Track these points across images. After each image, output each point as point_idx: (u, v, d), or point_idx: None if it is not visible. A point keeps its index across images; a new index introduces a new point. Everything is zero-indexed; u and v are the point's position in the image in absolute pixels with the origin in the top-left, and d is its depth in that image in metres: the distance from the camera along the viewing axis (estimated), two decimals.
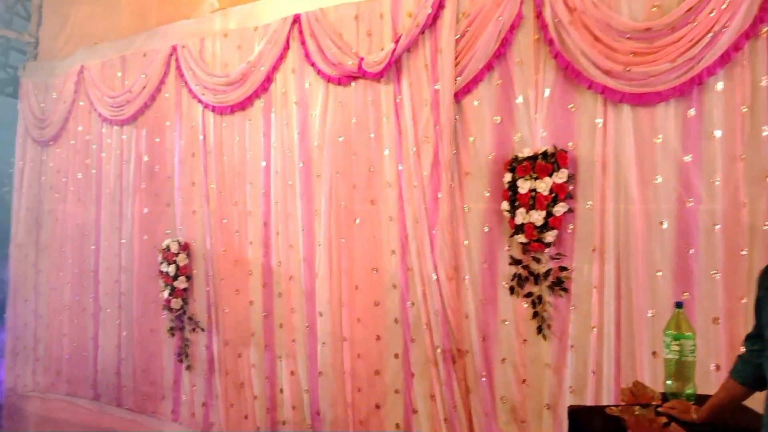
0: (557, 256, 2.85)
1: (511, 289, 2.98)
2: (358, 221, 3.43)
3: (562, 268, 2.84)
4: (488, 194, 3.05)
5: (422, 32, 3.17)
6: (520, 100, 2.96)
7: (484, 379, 3.05)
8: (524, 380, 2.95)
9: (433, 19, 3.14)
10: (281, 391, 3.70)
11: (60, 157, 5.01)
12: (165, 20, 4.32)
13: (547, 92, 2.89)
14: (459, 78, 3.08)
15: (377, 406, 3.36)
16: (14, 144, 5.36)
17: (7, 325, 5.27)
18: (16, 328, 5.24)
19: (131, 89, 4.39)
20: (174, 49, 4.18)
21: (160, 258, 4.16)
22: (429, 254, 3.15)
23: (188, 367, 4.11)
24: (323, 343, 3.52)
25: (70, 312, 4.86)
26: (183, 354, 4.12)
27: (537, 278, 2.90)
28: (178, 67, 4.15)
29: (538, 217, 2.81)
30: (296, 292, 3.65)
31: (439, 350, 3.12)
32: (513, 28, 2.95)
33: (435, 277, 3.13)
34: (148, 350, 4.37)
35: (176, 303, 4.08)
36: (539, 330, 2.90)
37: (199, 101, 4.05)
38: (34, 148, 5.19)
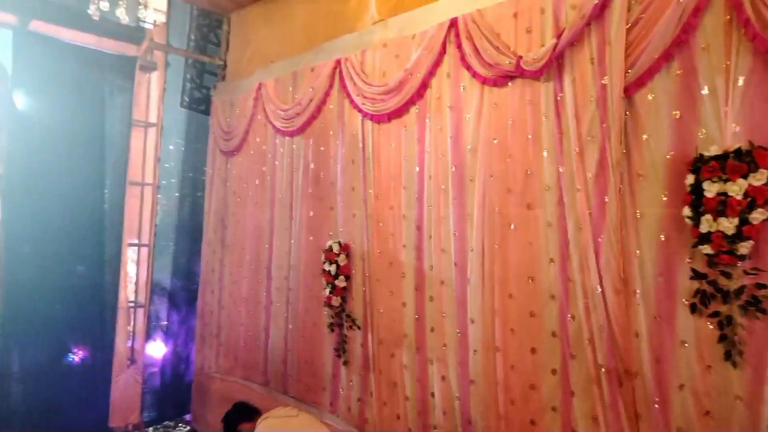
0: (753, 271, 2.44)
1: (693, 307, 2.61)
2: (512, 227, 3.30)
3: (760, 285, 2.42)
4: (665, 198, 2.72)
5: (588, 24, 2.96)
6: (705, 91, 2.60)
7: (656, 405, 2.71)
8: (707, 412, 2.57)
9: (601, 9, 2.90)
10: (432, 395, 3.71)
11: (241, 165, 5.65)
12: (331, 36, 4.63)
13: (741, 81, 2.49)
14: (630, 71, 2.81)
15: (532, 422, 3.19)
16: (206, 155, 6.19)
17: (198, 312, 6.08)
18: (204, 315, 6.01)
19: (300, 102, 4.78)
20: (338, 62, 4.46)
21: (323, 257, 4.45)
22: (593, 264, 2.90)
23: (345, 363, 4.33)
24: (475, 351, 3.44)
25: (247, 303, 5.44)
26: (341, 350, 4.35)
27: (726, 296, 2.51)
28: (341, 79, 4.42)
29: (728, 225, 2.43)
30: (447, 297, 3.63)
31: (603, 370, 2.86)
32: (698, 10, 2.60)
33: (599, 290, 2.88)
34: (310, 343, 4.70)
35: (336, 300, 4.33)
36: (728, 356, 2.50)
37: (359, 110, 4.26)
38: (221, 158, 5.93)
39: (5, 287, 4.94)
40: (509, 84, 3.35)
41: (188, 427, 6.03)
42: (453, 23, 3.62)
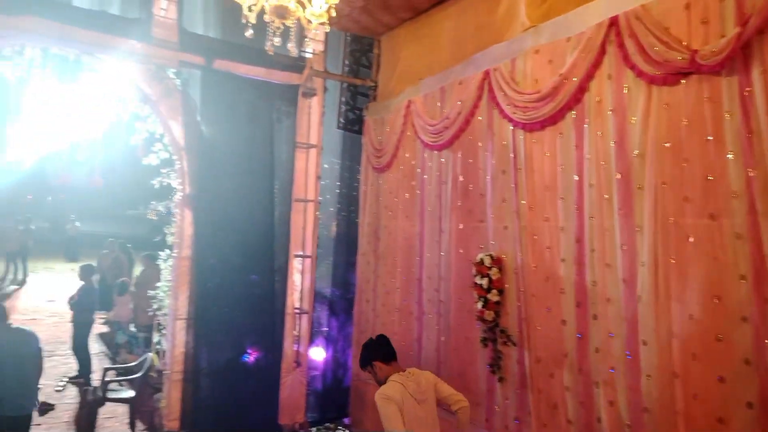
0: None
1: None
2: (692, 239, 2.96)
3: None
4: None
5: None
6: None
7: None
8: None
9: None
10: (599, 420, 3.45)
11: (392, 180, 5.86)
12: (480, 48, 4.62)
13: None
14: None
15: None
16: (359, 172, 6.54)
17: (354, 320, 6.40)
18: (360, 323, 6.31)
19: (448, 116, 4.83)
20: (486, 73, 4.42)
21: (474, 271, 4.41)
22: None
23: (501, 379, 4.22)
24: (648, 375, 3.13)
25: (399, 313, 5.60)
26: (495, 365, 4.26)
27: None
28: (491, 90, 4.37)
29: None
30: (614, 316, 3.36)
31: None
32: None
33: None
34: (463, 357, 4.67)
35: (489, 315, 4.25)
36: None
37: (510, 120, 4.17)
38: (373, 174, 6.21)
39: (196, 292, 5.70)
40: (682, 82, 3.03)
41: (346, 431, 6.35)
42: (613, 22, 3.39)
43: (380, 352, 3.40)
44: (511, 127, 4.19)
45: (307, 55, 6.06)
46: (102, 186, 5.51)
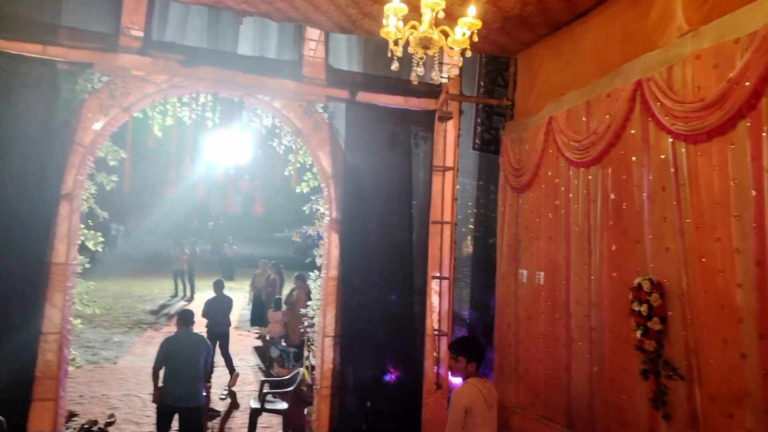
0: None
1: None
2: None
3: None
4: None
5: None
6: None
7: None
8: None
9: None
10: None
11: (533, 200, 5.69)
12: (628, 57, 4.35)
13: None
14: None
15: None
16: (497, 192, 6.45)
17: (494, 344, 6.26)
18: (501, 348, 6.15)
19: (596, 131, 4.59)
20: (638, 84, 4.14)
21: (630, 296, 4.09)
22: None
23: (666, 417, 3.82)
24: None
25: (545, 340, 5.36)
26: (659, 400, 3.88)
27: None
28: (644, 101, 4.08)
29: None
30: None
31: None
32: None
33: None
34: (620, 389, 4.32)
35: (650, 344, 3.90)
36: None
37: (669, 132, 3.85)
38: (512, 194, 6.09)
39: (343, 311, 6.00)
40: None
41: None
42: None
43: (479, 356, 3.60)
44: (671, 140, 3.85)
45: (443, 80, 6.18)
46: (260, 213, 6.17)
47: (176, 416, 5.18)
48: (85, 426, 6.29)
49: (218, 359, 8.96)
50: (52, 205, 5.06)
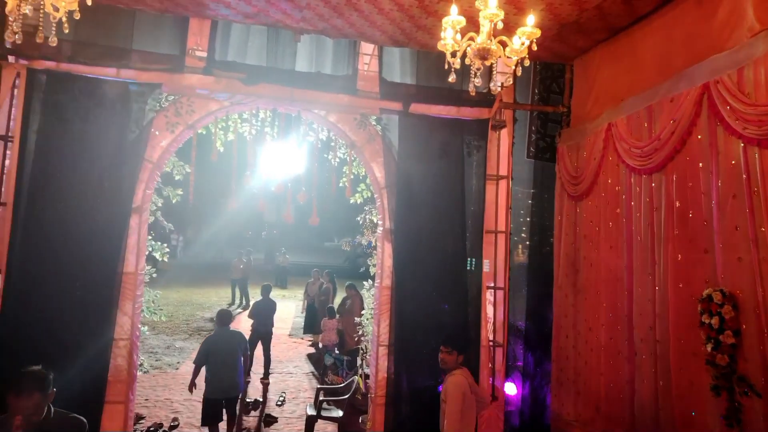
0: None
1: None
2: None
3: None
4: None
5: None
6: None
7: None
8: None
9: None
10: None
11: (591, 208, 5.55)
12: (692, 60, 4.21)
13: None
14: None
15: None
16: (552, 201, 6.33)
17: (552, 356, 6.12)
18: (559, 360, 6.01)
19: (659, 137, 4.45)
20: (705, 87, 3.99)
21: (699, 308, 3.92)
22: None
23: None
24: None
25: (606, 352, 5.19)
26: (733, 418, 3.68)
27: None
28: (712, 105, 3.93)
29: None
30: None
31: None
32: None
33: None
34: (688, 405, 4.13)
35: (722, 359, 3.72)
36: None
37: (740, 137, 3.68)
38: (569, 202, 5.97)
39: (397, 320, 6.03)
40: None
41: None
42: None
43: (467, 350, 4.23)
44: (742, 145, 3.69)
45: (496, 89, 6.16)
46: (317, 224, 6.36)
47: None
48: (151, 429, 6.60)
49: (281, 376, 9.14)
50: (124, 217, 5.37)
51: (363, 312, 7.06)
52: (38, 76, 5.18)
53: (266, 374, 8.91)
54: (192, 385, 6.04)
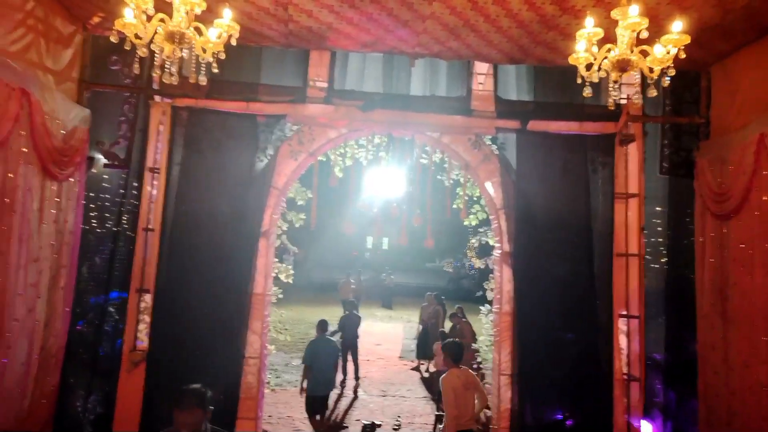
0: None
1: None
2: None
3: None
4: None
5: None
6: None
7: None
8: None
9: None
10: None
11: (743, 228, 4.94)
12: None
13: None
14: None
15: None
16: (691, 220, 5.74)
17: (699, 394, 5.46)
18: (707, 398, 5.35)
19: None
20: None
21: None
22: None
23: None
24: None
25: None
26: None
27: None
28: None
29: None
30: None
31: None
32: None
33: None
34: None
35: None
36: None
37: None
38: (713, 222, 5.37)
39: (519, 348, 5.76)
40: None
41: None
42: None
43: (457, 357, 5.07)
44: None
45: (622, 102, 5.76)
46: (432, 246, 6.39)
47: None
48: None
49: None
50: (253, 241, 5.68)
51: (480, 338, 6.84)
52: (180, 112, 5.69)
53: (357, 377, 9.97)
54: (302, 389, 6.77)
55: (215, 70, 3.27)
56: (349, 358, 9.87)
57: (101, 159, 5.57)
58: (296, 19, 4.83)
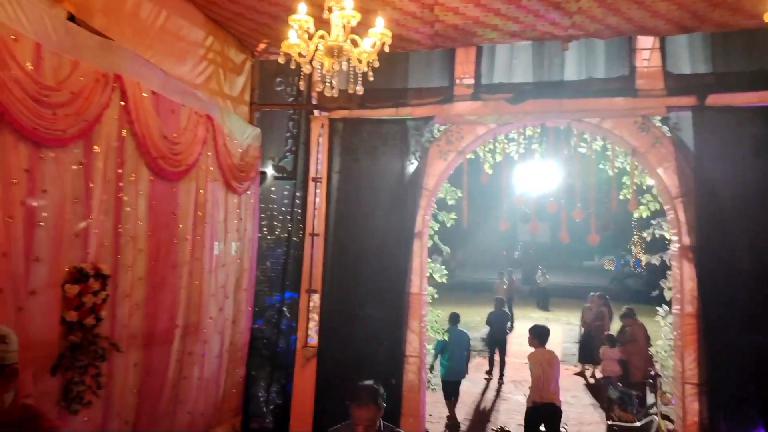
0: None
1: None
2: None
3: None
4: None
5: None
6: None
7: None
8: None
9: None
10: None
11: None
12: None
13: None
14: None
15: None
16: None
17: None
18: None
19: None
20: None
21: None
22: None
23: None
24: None
25: None
26: None
27: None
28: None
29: None
30: None
31: None
32: None
33: None
34: None
35: None
36: None
37: None
38: None
39: (706, 355, 5.07)
40: None
41: None
42: None
43: (542, 338, 5.88)
44: None
45: None
46: (597, 243, 5.92)
47: None
48: None
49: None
50: (408, 242, 5.79)
51: (659, 342, 6.16)
52: (336, 124, 6.03)
53: (501, 374, 10.07)
54: (431, 367, 7.58)
55: (371, 78, 3.37)
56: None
57: (272, 172, 6.14)
58: (442, 18, 4.83)
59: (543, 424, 5.70)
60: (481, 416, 8.12)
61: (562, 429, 7.53)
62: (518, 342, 14.10)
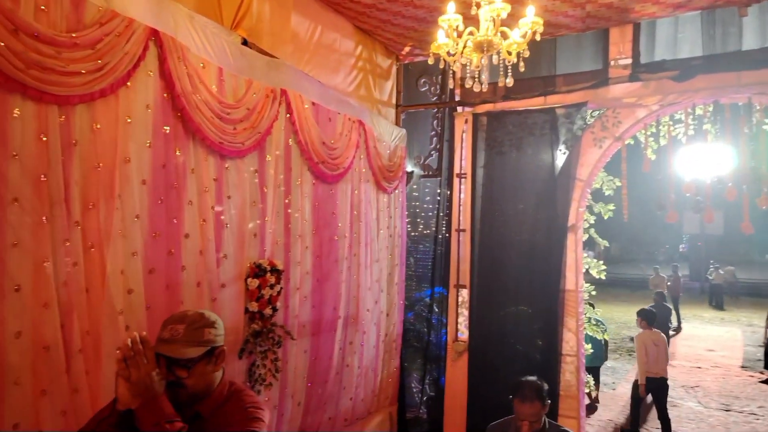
0: None
1: None
2: None
3: None
4: None
5: None
6: None
7: None
8: None
9: None
10: None
11: None
12: None
13: None
14: None
15: None
16: None
17: None
18: None
19: None
20: None
21: None
22: None
23: None
24: None
25: None
26: None
27: None
28: None
29: None
30: None
31: None
32: None
33: None
34: None
35: None
36: None
37: None
38: None
39: None
40: None
41: None
42: None
43: (650, 320, 6.68)
44: None
45: None
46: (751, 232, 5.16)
47: None
48: None
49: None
50: (561, 236, 5.54)
51: None
52: (480, 118, 5.98)
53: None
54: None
55: (521, 70, 3.30)
56: None
57: (417, 171, 6.31)
58: None
59: (651, 395, 6.49)
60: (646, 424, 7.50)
61: None
62: (687, 344, 12.78)
